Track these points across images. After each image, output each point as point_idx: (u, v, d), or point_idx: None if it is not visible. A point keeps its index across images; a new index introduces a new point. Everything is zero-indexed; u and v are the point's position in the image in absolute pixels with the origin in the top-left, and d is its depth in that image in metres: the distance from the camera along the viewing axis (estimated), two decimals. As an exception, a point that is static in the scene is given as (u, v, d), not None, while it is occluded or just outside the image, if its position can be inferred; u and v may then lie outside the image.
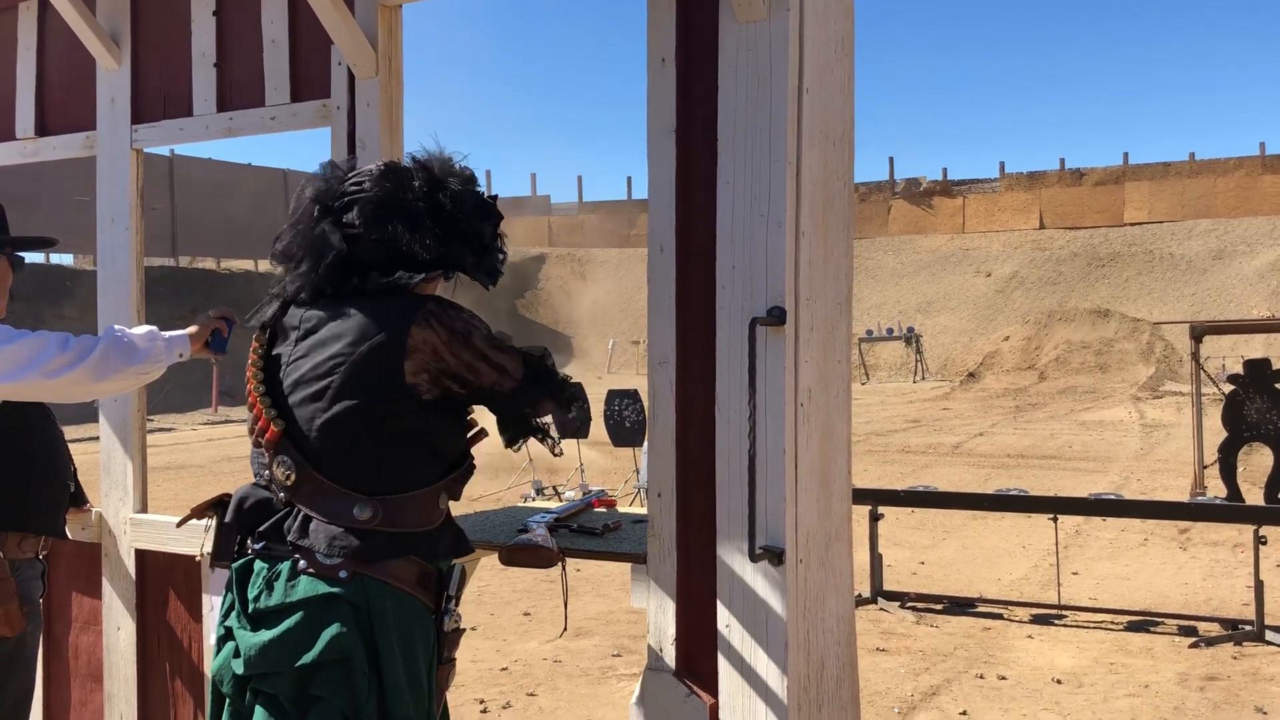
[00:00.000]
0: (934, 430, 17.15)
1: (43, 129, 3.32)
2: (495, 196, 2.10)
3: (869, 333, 30.51)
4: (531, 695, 5.11)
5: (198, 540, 3.02)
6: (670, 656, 2.34)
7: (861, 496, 6.21)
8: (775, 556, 2.17)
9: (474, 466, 2.13)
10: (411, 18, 2.84)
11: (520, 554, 2.35)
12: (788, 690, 2.18)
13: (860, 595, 6.48)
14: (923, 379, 29.17)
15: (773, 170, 2.19)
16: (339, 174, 2.07)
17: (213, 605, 3.02)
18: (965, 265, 35.01)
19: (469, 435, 2.12)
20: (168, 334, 2.75)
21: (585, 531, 2.55)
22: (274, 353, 2.08)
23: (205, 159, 28.82)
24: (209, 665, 3.04)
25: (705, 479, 2.29)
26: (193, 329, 2.77)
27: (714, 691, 2.28)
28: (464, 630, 2.16)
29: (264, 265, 31.86)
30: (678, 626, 2.33)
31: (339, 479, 1.96)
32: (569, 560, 2.48)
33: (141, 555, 3.15)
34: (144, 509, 3.18)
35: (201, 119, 3.02)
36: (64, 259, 29.38)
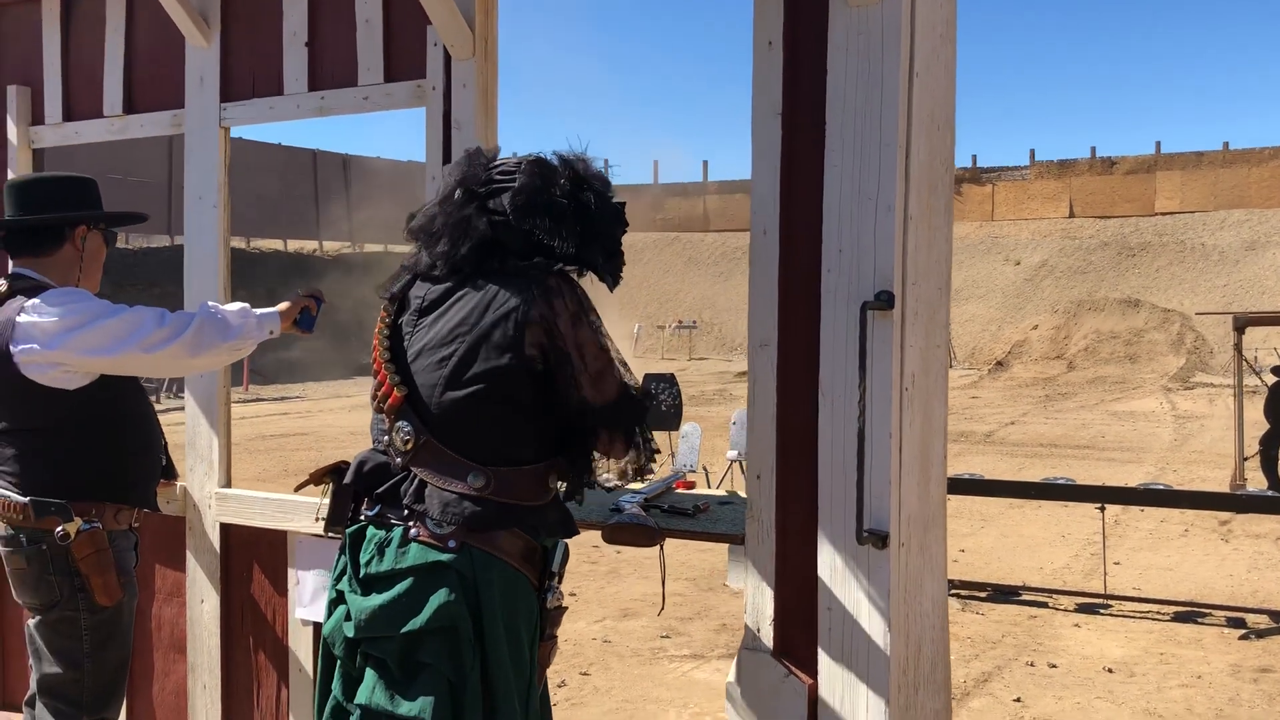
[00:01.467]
0: (964, 418, 17.08)
1: (130, 106, 3.35)
2: (624, 203, 2.14)
3: (896, 320, 30.30)
4: (585, 674, 5.15)
5: (283, 515, 3.06)
6: (768, 637, 2.36)
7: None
8: (879, 539, 2.18)
9: None
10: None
11: (624, 533, 2.37)
12: (889, 673, 2.20)
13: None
14: (950, 367, 28.99)
15: (883, 154, 2.20)
16: (483, 160, 2.12)
17: (299, 579, 3.05)
18: (994, 253, 34.77)
19: None
20: (259, 311, 2.79)
21: (677, 512, 2.56)
22: (398, 322, 2.12)
23: (235, 138, 28.91)
24: (293, 639, 3.09)
25: (806, 462, 2.30)
26: (284, 306, 2.81)
27: (813, 672, 2.30)
28: (565, 609, 2.18)
29: (293, 244, 32.01)
30: (776, 607, 2.35)
31: (456, 446, 2.00)
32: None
33: (226, 529, 3.19)
34: (229, 484, 3.22)
35: (293, 98, 3.03)
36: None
